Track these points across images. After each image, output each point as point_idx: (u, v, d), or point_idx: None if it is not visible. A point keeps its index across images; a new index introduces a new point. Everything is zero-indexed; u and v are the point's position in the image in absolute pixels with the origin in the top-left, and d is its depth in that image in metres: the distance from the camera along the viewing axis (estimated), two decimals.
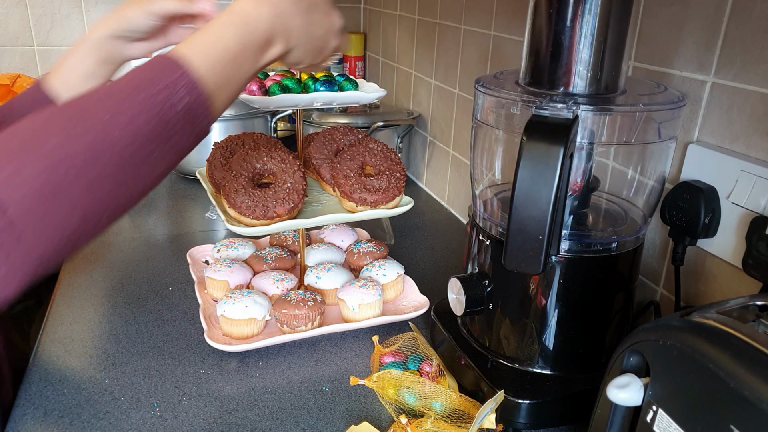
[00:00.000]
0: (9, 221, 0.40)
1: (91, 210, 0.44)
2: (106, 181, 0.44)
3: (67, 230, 0.44)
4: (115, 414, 0.66)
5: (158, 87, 0.46)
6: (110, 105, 0.45)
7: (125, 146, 0.44)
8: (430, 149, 1.36)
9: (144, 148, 0.45)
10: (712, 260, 0.67)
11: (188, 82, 0.48)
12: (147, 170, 0.47)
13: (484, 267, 0.66)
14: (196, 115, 0.49)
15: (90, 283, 0.93)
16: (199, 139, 0.51)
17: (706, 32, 0.64)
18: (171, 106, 0.46)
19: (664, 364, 0.41)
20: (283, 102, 0.71)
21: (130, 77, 0.47)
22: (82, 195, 0.43)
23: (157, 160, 0.47)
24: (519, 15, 0.97)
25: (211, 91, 0.49)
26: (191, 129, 0.49)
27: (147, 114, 0.45)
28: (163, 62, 0.48)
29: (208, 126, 0.51)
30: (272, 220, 0.73)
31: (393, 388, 0.68)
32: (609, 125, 0.59)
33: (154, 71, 0.47)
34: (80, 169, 0.42)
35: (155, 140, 0.46)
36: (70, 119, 0.44)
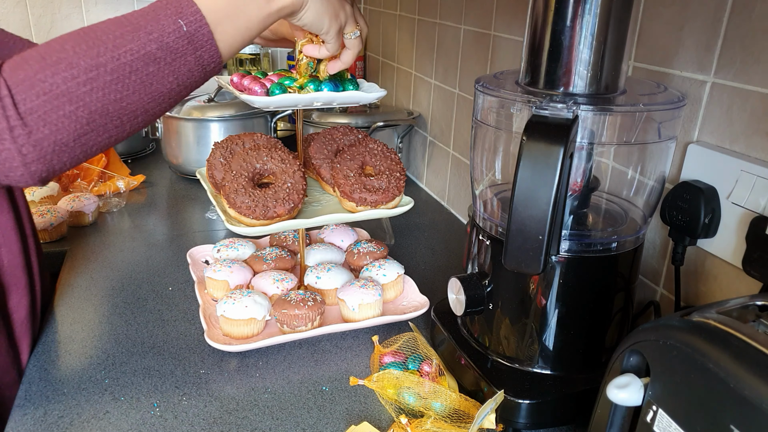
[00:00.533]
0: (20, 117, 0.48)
1: (95, 112, 0.51)
2: (109, 88, 0.50)
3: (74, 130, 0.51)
4: (115, 414, 0.66)
5: (161, 15, 0.52)
6: (119, 26, 0.51)
7: (128, 61, 0.50)
8: (430, 149, 1.36)
9: (146, 65, 0.51)
10: (712, 260, 0.67)
11: (191, 13, 0.53)
12: (148, 87, 0.53)
13: (484, 267, 0.66)
14: (198, 44, 0.54)
15: (90, 283, 0.93)
16: (205, 71, 0.56)
17: (706, 32, 0.64)
18: (172, 32, 0.52)
19: (664, 364, 0.41)
20: (283, 102, 0.71)
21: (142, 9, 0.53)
22: (87, 98, 0.50)
23: (159, 80, 0.53)
24: (519, 15, 0.97)
25: (215, 24, 0.54)
26: (194, 57, 0.54)
27: (148, 36, 0.51)
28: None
29: (213, 60, 0.56)
30: (272, 220, 0.73)
31: (393, 388, 0.68)
32: (609, 125, 0.59)
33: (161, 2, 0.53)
34: (86, 75, 0.49)
35: (156, 61, 0.52)
36: (84, 36, 0.50)
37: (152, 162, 1.51)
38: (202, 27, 0.54)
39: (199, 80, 0.56)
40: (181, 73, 0.54)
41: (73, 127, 0.51)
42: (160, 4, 0.54)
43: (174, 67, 0.53)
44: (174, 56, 0.53)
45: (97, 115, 0.51)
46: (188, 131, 1.34)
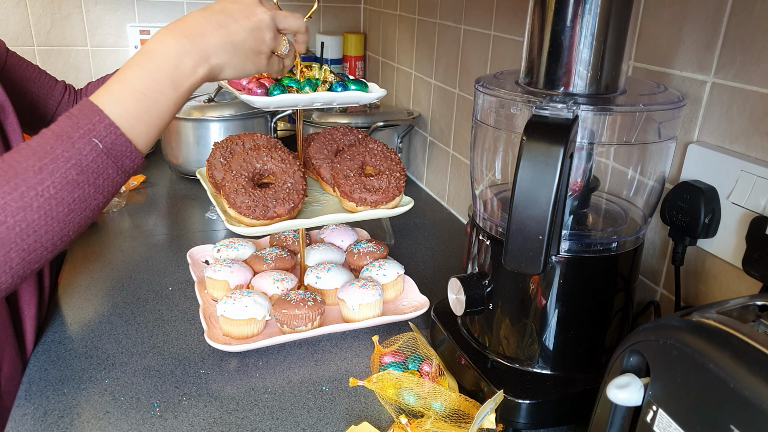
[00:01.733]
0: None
1: (29, 250, 0.52)
2: (39, 225, 0.52)
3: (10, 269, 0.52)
4: (115, 414, 0.66)
5: (75, 137, 0.52)
6: (35, 160, 0.51)
7: (52, 195, 0.51)
8: (430, 149, 1.36)
9: (71, 193, 0.52)
10: (712, 260, 0.67)
11: (104, 127, 0.53)
12: (76, 211, 0.54)
13: (484, 267, 0.66)
14: (118, 156, 0.54)
15: (90, 283, 0.93)
16: (128, 174, 0.57)
17: (706, 32, 0.64)
18: (89, 152, 0.52)
19: (664, 364, 0.41)
20: (283, 102, 0.71)
21: (52, 130, 0.53)
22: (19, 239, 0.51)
23: (85, 202, 0.54)
24: (519, 15, 0.97)
25: (130, 129, 0.54)
26: (115, 169, 0.55)
27: (67, 163, 0.52)
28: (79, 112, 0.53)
29: (135, 163, 0.57)
30: (272, 220, 0.73)
31: (393, 389, 0.68)
32: (609, 125, 0.59)
33: (72, 121, 0.53)
34: (14, 218, 0.50)
35: (81, 184, 0.53)
36: (5, 174, 0.51)
37: (152, 162, 1.51)
38: (118, 138, 0.54)
39: (122, 183, 0.57)
40: (105, 186, 0.55)
41: (9, 267, 0.52)
42: (71, 124, 0.53)
43: (98, 185, 0.54)
44: (96, 175, 0.53)
45: (31, 251, 0.53)
46: (188, 131, 1.34)
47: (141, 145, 0.57)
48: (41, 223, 0.52)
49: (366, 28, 1.77)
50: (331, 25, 1.78)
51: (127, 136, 0.55)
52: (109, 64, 1.61)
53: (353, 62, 1.74)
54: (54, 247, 0.54)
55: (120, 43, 1.61)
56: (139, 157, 0.57)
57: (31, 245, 0.52)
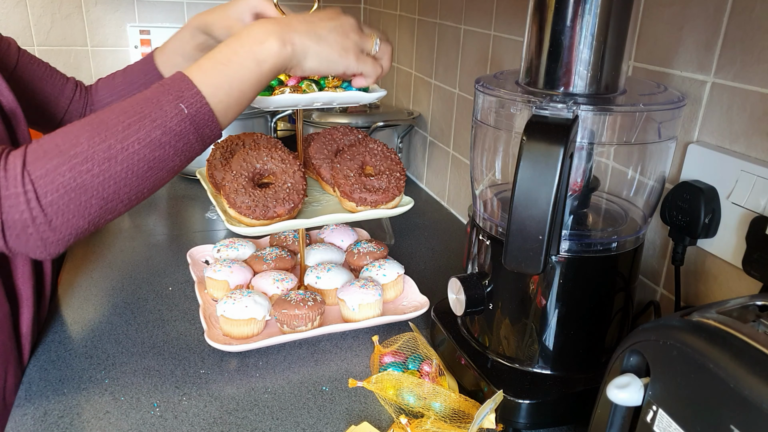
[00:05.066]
0: (42, 209, 0.53)
1: (108, 199, 0.56)
2: (120, 177, 0.55)
3: (88, 215, 0.56)
4: (115, 414, 0.66)
5: (163, 101, 0.56)
6: (125, 117, 0.55)
7: (136, 150, 0.55)
8: (430, 149, 1.36)
9: (153, 151, 0.56)
10: (712, 260, 0.67)
11: (191, 95, 0.57)
12: (155, 170, 0.57)
13: (484, 267, 0.66)
14: (200, 124, 0.58)
15: (90, 283, 0.93)
16: (206, 144, 0.60)
17: (706, 32, 0.64)
18: (175, 116, 0.56)
19: (664, 364, 0.41)
20: (283, 102, 0.71)
21: (144, 94, 0.57)
22: (101, 187, 0.55)
23: (164, 162, 0.57)
24: (519, 15, 0.97)
25: (213, 99, 0.58)
26: (196, 136, 0.58)
27: (152, 123, 0.55)
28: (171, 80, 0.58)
29: (214, 133, 0.60)
30: (272, 220, 0.73)
31: (393, 389, 0.68)
32: (609, 125, 0.59)
33: (163, 87, 0.57)
34: (99, 167, 0.54)
35: (162, 146, 0.56)
36: (96, 128, 0.55)
37: None
38: (202, 107, 0.57)
39: (199, 152, 0.60)
40: (185, 151, 0.58)
41: (88, 213, 0.56)
42: (161, 90, 0.57)
43: (178, 148, 0.57)
44: (178, 138, 0.57)
45: (109, 200, 0.56)
46: None
47: (221, 117, 0.59)
48: (122, 176, 0.55)
49: None
50: None
51: (210, 105, 0.58)
52: (109, 64, 1.61)
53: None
54: (129, 201, 0.58)
55: (120, 43, 1.61)
56: (218, 127, 0.60)
57: (110, 195, 0.56)
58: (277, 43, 0.60)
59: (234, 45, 0.60)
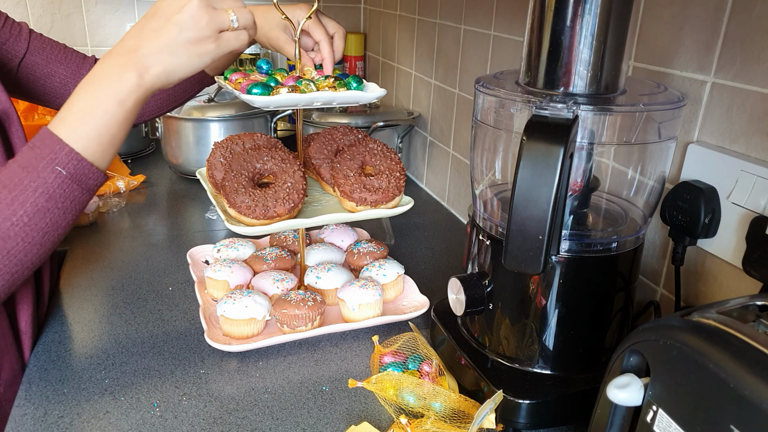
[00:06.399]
0: None
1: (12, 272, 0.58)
2: (18, 249, 0.57)
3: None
4: (115, 414, 0.66)
5: (39, 167, 0.56)
6: (7, 192, 0.56)
7: (26, 223, 0.56)
8: (430, 149, 1.36)
9: (43, 219, 0.57)
10: (712, 260, 0.67)
11: (64, 155, 0.57)
12: (50, 233, 0.58)
13: (484, 267, 0.66)
14: (82, 178, 0.58)
15: (90, 283, 0.93)
16: (93, 192, 0.61)
17: (706, 32, 0.64)
18: (54, 180, 0.57)
19: (664, 364, 0.41)
20: (283, 102, 0.71)
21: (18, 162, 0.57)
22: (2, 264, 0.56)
23: (57, 223, 0.58)
24: (519, 15, 0.97)
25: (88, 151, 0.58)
26: (80, 190, 0.59)
27: (35, 192, 0.56)
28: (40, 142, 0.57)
29: (98, 180, 0.61)
30: (272, 220, 0.73)
31: (393, 389, 0.68)
32: (609, 125, 0.59)
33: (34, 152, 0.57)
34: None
35: (50, 209, 0.57)
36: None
37: (152, 162, 1.51)
38: (79, 162, 0.57)
39: (89, 200, 0.61)
40: (74, 206, 0.59)
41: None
42: (34, 155, 0.57)
43: (66, 207, 0.58)
44: (64, 199, 0.58)
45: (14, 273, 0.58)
46: (188, 131, 1.34)
47: (100, 164, 0.60)
48: (20, 249, 0.57)
49: (366, 28, 1.77)
50: None
51: (86, 157, 0.58)
52: None
53: (353, 62, 1.74)
54: (33, 266, 0.60)
55: None
56: (101, 175, 0.60)
57: (13, 268, 0.58)
58: (133, 75, 0.58)
59: (92, 90, 0.58)
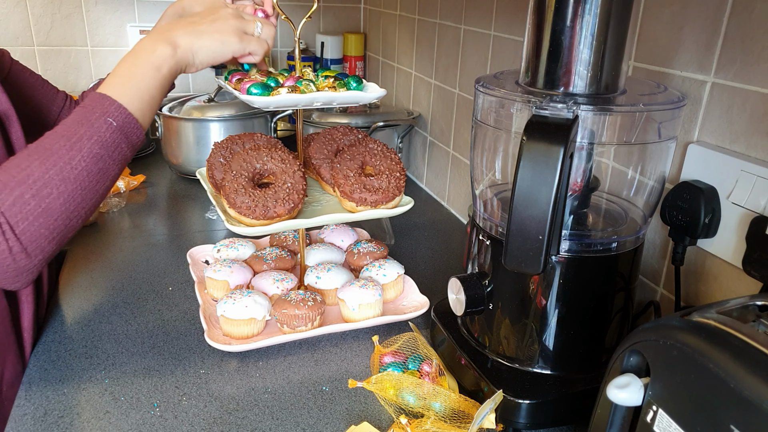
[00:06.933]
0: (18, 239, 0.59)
1: (70, 216, 0.62)
2: (76, 194, 0.62)
3: (57, 235, 0.62)
4: (115, 414, 0.66)
5: (92, 119, 0.63)
6: (65, 141, 0.61)
7: (83, 168, 0.62)
8: (430, 149, 1.36)
9: (96, 165, 0.63)
10: (712, 260, 0.67)
11: (114, 108, 0.64)
12: (101, 181, 0.64)
13: (484, 267, 0.66)
14: (128, 131, 0.65)
15: (90, 283, 0.93)
16: (134, 149, 0.68)
17: (706, 32, 0.64)
18: (106, 130, 0.63)
19: (664, 364, 0.41)
20: (283, 102, 0.71)
21: (72, 118, 0.63)
22: (63, 207, 0.61)
23: (106, 172, 0.64)
24: (519, 15, 0.97)
25: (132, 108, 0.65)
26: (126, 143, 0.65)
27: (90, 140, 0.62)
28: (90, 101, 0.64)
29: (140, 138, 0.67)
30: (272, 220, 0.73)
31: (393, 389, 0.68)
32: (609, 125, 0.59)
33: (87, 109, 0.63)
34: (57, 189, 0.60)
35: (103, 157, 0.63)
36: (43, 155, 0.60)
37: (152, 162, 1.51)
38: (127, 116, 0.64)
39: (130, 157, 0.68)
40: (120, 159, 0.65)
41: (56, 233, 0.62)
42: (87, 111, 0.63)
43: (114, 157, 0.64)
44: (113, 149, 0.64)
45: (71, 218, 0.62)
46: (188, 131, 1.34)
47: (142, 122, 0.67)
48: (77, 193, 0.62)
49: (366, 28, 1.77)
50: (331, 25, 1.78)
51: (132, 112, 0.65)
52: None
53: (353, 62, 1.74)
54: (85, 215, 0.64)
55: (120, 43, 1.61)
56: (142, 132, 0.67)
57: (71, 213, 0.62)
58: (167, 47, 0.67)
59: (130, 59, 0.67)
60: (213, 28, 0.69)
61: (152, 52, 0.67)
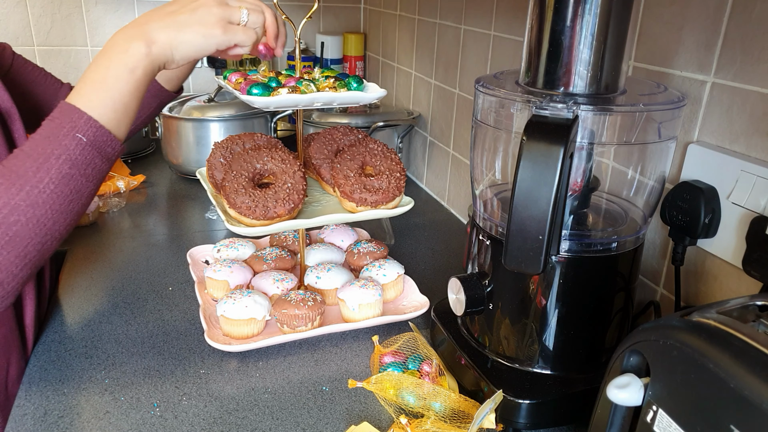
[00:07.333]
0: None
1: (42, 241, 0.58)
2: (47, 217, 0.58)
3: (29, 261, 0.58)
4: (115, 414, 0.66)
5: (60, 135, 0.58)
6: (32, 162, 0.57)
7: (53, 190, 0.57)
8: (430, 149, 1.36)
9: (67, 185, 0.58)
10: (712, 260, 0.67)
11: (83, 123, 0.59)
12: (74, 201, 0.60)
13: (484, 267, 0.66)
14: (101, 145, 0.60)
15: (90, 283, 0.93)
16: (112, 161, 0.63)
17: (706, 32, 0.64)
18: (75, 147, 0.58)
19: (664, 364, 0.41)
20: (283, 102, 0.71)
21: (40, 134, 0.59)
22: (33, 233, 0.57)
23: (80, 191, 0.60)
24: (519, 15, 0.97)
25: (103, 117, 0.60)
26: (100, 157, 0.60)
27: (58, 160, 0.57)
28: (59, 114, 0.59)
29: (116, 149, 0.62)
30: (272, 221, 0.73)
31: (393, 389, 0.68)
32: (609, 125, 0.59)
33: (54, 123, 0.59)
34: (26, 215, 0.56)
35: (74, 176, 0.58)
36: (9, 179, 0.56)
37: (152, 162, 1.51)
38: (98, 130, 0.59)
39: (107, 171, 0.63)
40: (95, 174, 0.61)
41: (28, 260, 0.58)
42: (55, 125, 0.59)
43: (88, 174, 0.60)
44: (86, 166, 0.59)
45: (43, 242, 0.59)
46: (188, 131, 1.34)
47: (117, 132, 0.62)
48: (48, 216, 0.58)
49: (366, 28, 1.77)
50: (331, 25, 1.78)
51: (104, 125, 0.60)
52: None
53: (353, 62, 1.74)
54: (61, 236, 0.60)
55: None
56: (118, 143, 0.62)
57: (43, 237, 0.58)
58: (141, 46, 0.61)
59: (103, 60, 0.61)
60: (194, 19, 0.63)
61: (125, 51, 0.61)
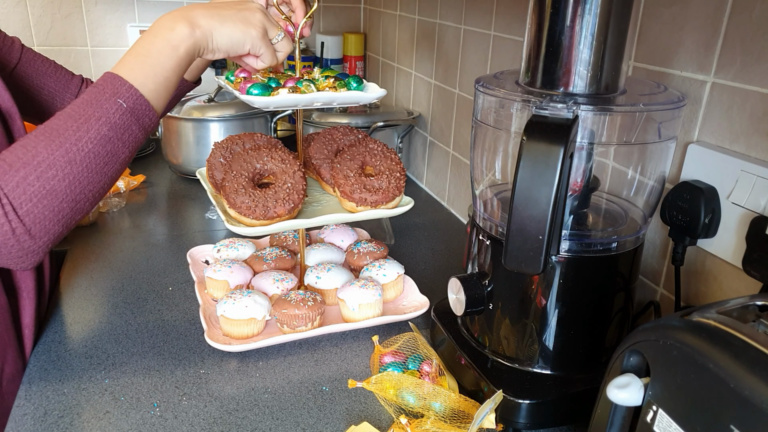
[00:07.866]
0: (20, 220, 0.58)
1: (76, 199, 0.61)
2: (82, 176, 0.60)
3: (62, 218, 0.61)
4: (115, 414, 0.66)
5: (102, 100, 0.61)
6: (73, 122, 0.60)
7: (90, 150, 0.60)
8: (430, 149, 1.36)
9: (104, 148, 0.61)
10: (712, 260, 0.67)
11: (125, 90, 0.62)
12: (110, 164, 0.62)
13: (484, 267, 0.66)
14: (139, 114, 0.63)
15: (90, 283, 0.93)
16: (147, 132, 0.65)
17: (706, 32, 0.64)
18: (116, 111, 0.61)
19: (664, 364, 0.41)
20: (283, 102, 0.71)
21: (82, 98, 0.62)
22: (68, 190, 0.60)
23: (115, 155, 0.63)
24: (519, 15, 0.97)
25: (144, 89, 0.63)
26: (138, 126, 0.63)
27: (98, 122, 0.60)
28: (102, 81, 0.63)
29: (153, 121, 0.65)
30: (272, 220, 0.73)
31: (393, 389, 0.68)
32: (609, 125, 0.59)
33: (97, 89, 0.62)
34: (62, 171, 0.59)
35: (111, 139, 0.61)
36: (50, 136, 0.59)
37: (152, 162, 1.51)
38: (138, 98, 0.63)
39: (142, 140, 0.66)
40: (130, 141, 0.64)
41: (62, 216, 0.61)
42: (97, 91, 0.62)
43: (124, 140, 0.63)
44: (123, 131, 0.62)
45: (77, 200, 0.61)
46: (188, 131, 1.34)
47: (155, 103, 0.65)
48: (84, 175, 0.60)
49: (366, 28, 1.77)
50: (331, 25, 1.78)
51: (143, 94, 0.63)
52: (109, 64, 1.61)
53: (353, 62, 1.74)
54: (93, 197, 0.63)
55: (120, 43, 1.61)
56: (155, 114, 0.65)
57: (77, 195, 0.61)
58: (186, 27, 0.65)
59: (149, 37, 0.65)
60: (238, 17, 0.68)
61: (170, 29, 0.65)
